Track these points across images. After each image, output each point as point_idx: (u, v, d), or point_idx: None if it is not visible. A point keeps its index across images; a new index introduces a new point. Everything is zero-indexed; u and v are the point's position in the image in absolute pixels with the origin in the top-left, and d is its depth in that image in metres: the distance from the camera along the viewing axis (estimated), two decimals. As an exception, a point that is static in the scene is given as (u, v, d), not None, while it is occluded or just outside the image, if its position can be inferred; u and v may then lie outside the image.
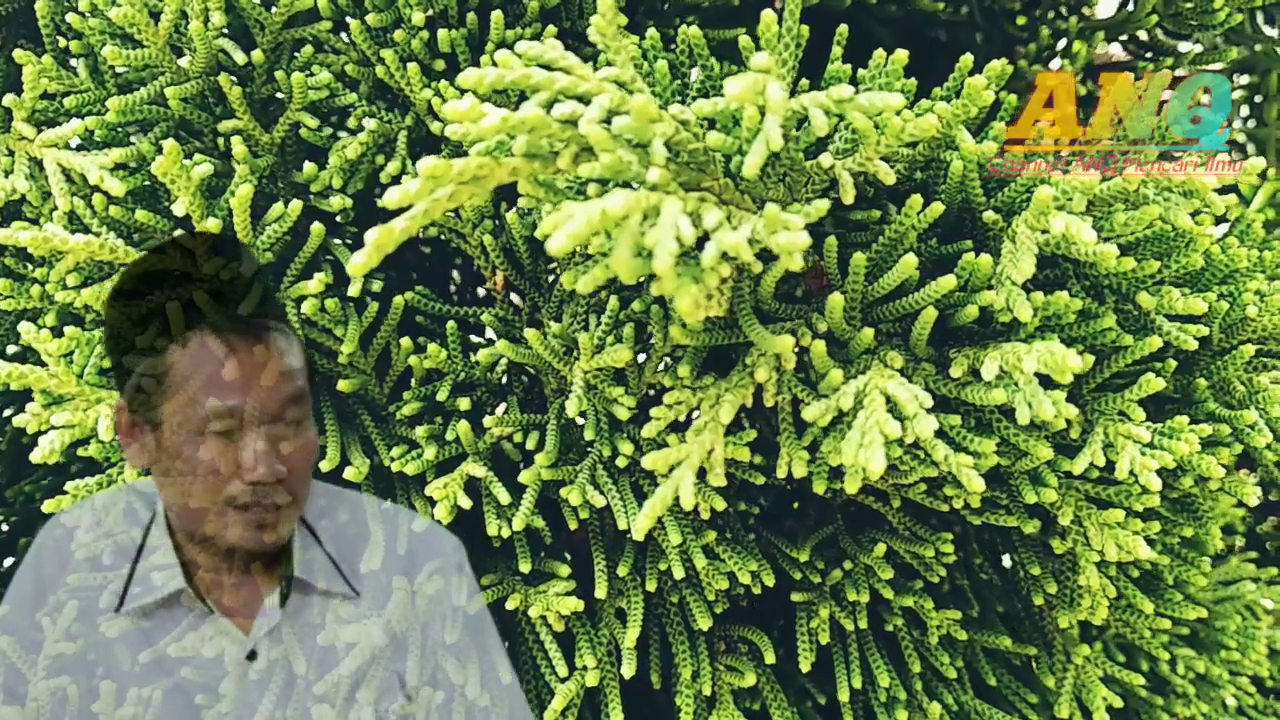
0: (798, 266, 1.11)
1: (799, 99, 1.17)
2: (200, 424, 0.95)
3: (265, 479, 0.96)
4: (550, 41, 1.14)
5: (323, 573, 1.06)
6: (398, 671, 1.07)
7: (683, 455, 1.23)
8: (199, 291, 0.96)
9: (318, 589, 1.06)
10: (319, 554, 1.07)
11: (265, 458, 0.96)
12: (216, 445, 0.96)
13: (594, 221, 1.03)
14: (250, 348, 0.97)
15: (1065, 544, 1.47)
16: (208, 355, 0.96)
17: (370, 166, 1.49)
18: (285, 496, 0.99)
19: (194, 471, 0.96)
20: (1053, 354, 1.16)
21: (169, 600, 1.03)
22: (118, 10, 1.33)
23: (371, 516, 1.12)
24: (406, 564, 1.10)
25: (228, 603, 1.04)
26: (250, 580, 1.05)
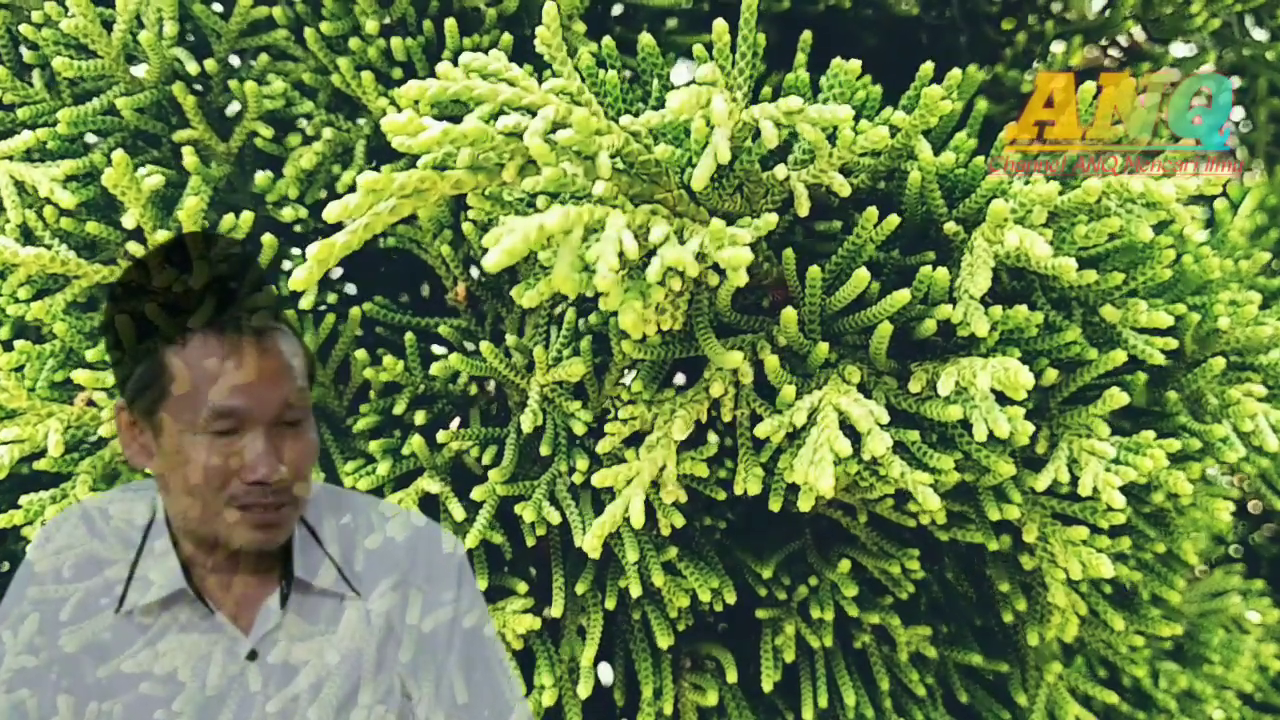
0: (742, 281, 1.09)
1: (750, 110, 1.15)
2: (200, 424, 0.94)
3: (265, 479, 0.95)
4: (494, 53, 1.12)
5: (323, 573, 1.06)
6: (398, 671, 1.07)
7: (633, 473, 1.21)
8: (199, 292, 0.95)
9: (318, 589, 1.05)
10: (319, 554, 1.07)
11: (265, 458, 0.95)
12: (216, 445, 0.95)
13: (531, 238, 1.01)
14: (251, 347, 0.96)
15: (1034, 560, 1.45)
16: (208, 355, 0.95)
17: (327, 176, 1.48)
18: (285, 496, 0.98)
19: (194, 472, 0.95)
20: (1007, 370, 1.13)
21: (169, 600, 1.02)
22: (70, 21, 1.32)
23: (372, 517, 1.12)
24: (408, 564, 1.09)
25: (228, 603, 1.03)
26: (250, 580, 1.04)
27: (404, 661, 1.07)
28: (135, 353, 0.96)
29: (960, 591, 1.68)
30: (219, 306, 0.96)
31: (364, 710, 1.05)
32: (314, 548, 1.06)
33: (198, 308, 0.95)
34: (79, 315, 1.36)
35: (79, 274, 1.34)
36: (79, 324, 1.35)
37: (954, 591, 1.68)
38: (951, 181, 1.32)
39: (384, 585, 1.07)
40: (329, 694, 1.03)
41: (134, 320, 0.96)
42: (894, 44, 2.12)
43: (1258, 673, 2.06)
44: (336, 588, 1.05)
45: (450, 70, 1.12)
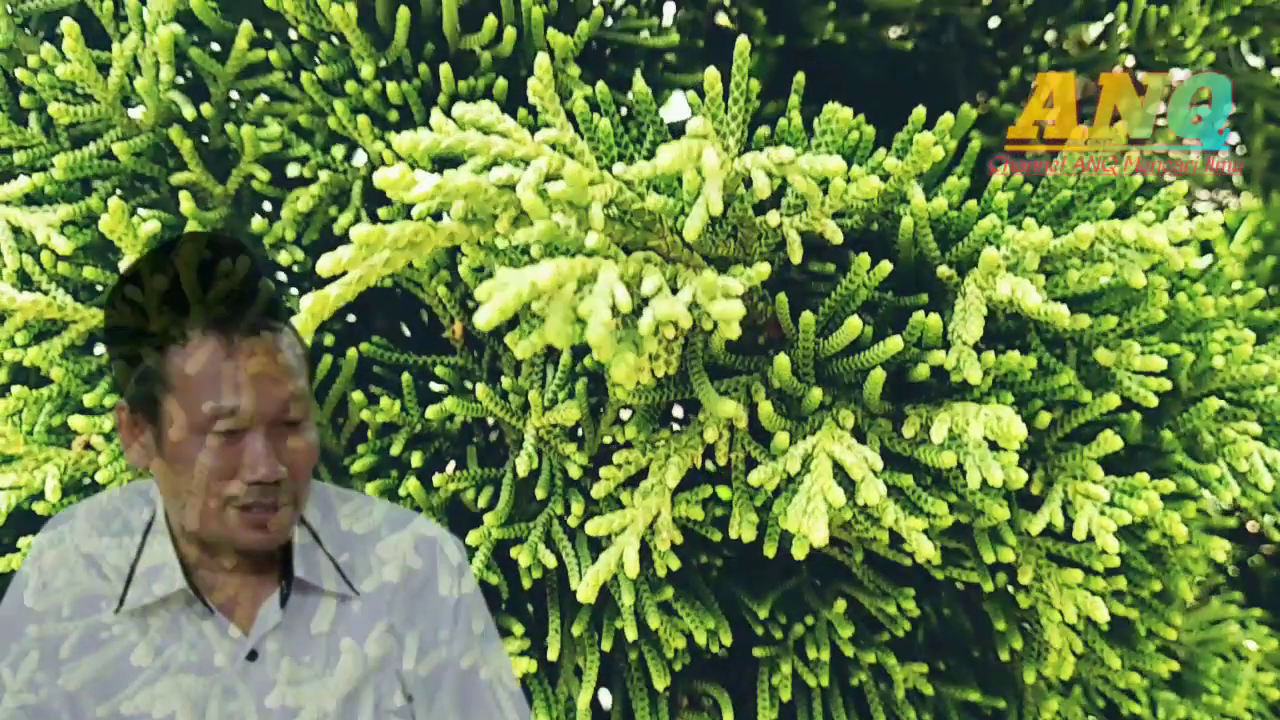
0: (735, 335, 1.09)
1: (742, 160, 1.15)
2: (200, 424, 0.94)
3: (266, 479, 0.95)
4: (486, 105, 1.12)
5: (323, 573, 1.05)
6: (398, 671, 1.07)
7: (627, 521, 1.21)
8: (199, 292, 0.95)
9: (318, 589, 1.05)
10: (320, 554, 1.06)
11: (266, 458, 0.95)
12: (217, 445, 0.95)
13: (523, 294, 1.01)
14: (251, 347, 0.96)
15: (1029, 598, 1.45)
16: (208, 354, 0.94)
17: (325, 217, 1.48)
18: (286, 496, 0.98)
19: (194, 471, 0.95)
20: (1000, 420, 1.14)
21: (169, 600, 1.02)
22: (66, 67, 1.33)
23: (373, 517, 1.11)
24: (409, 564, 1.09)
25: (228, 603, 1.03)
26: (250, 580, 1.04)
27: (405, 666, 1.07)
28: (135, 352, 0.96)
29: (957, 626, 1.68)
30: (219, 306, 0.96)
31: (365, 710, 1.05)
32: (314, 548, 1.06)
33: (198, 307, 0.95)
34: (76, 359, 1.36)
35: (76, 319, 1.34)
36: (76, 368, 1.36)
37: (951, 626, 1.68)
38: (944, 224, 1.33)
39: (384, 586, 1.07)
40: (329, 694, 1.03)
41: (134, 319, 0.96)
42: (889, 74, 2.12)
43: (1256, 700, 2.06)
44: (337, 588, 1.05)
45: (444, 122, 1.12)
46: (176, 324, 0.95)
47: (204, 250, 0.99)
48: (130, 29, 1.44)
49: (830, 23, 1.74)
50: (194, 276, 0.96)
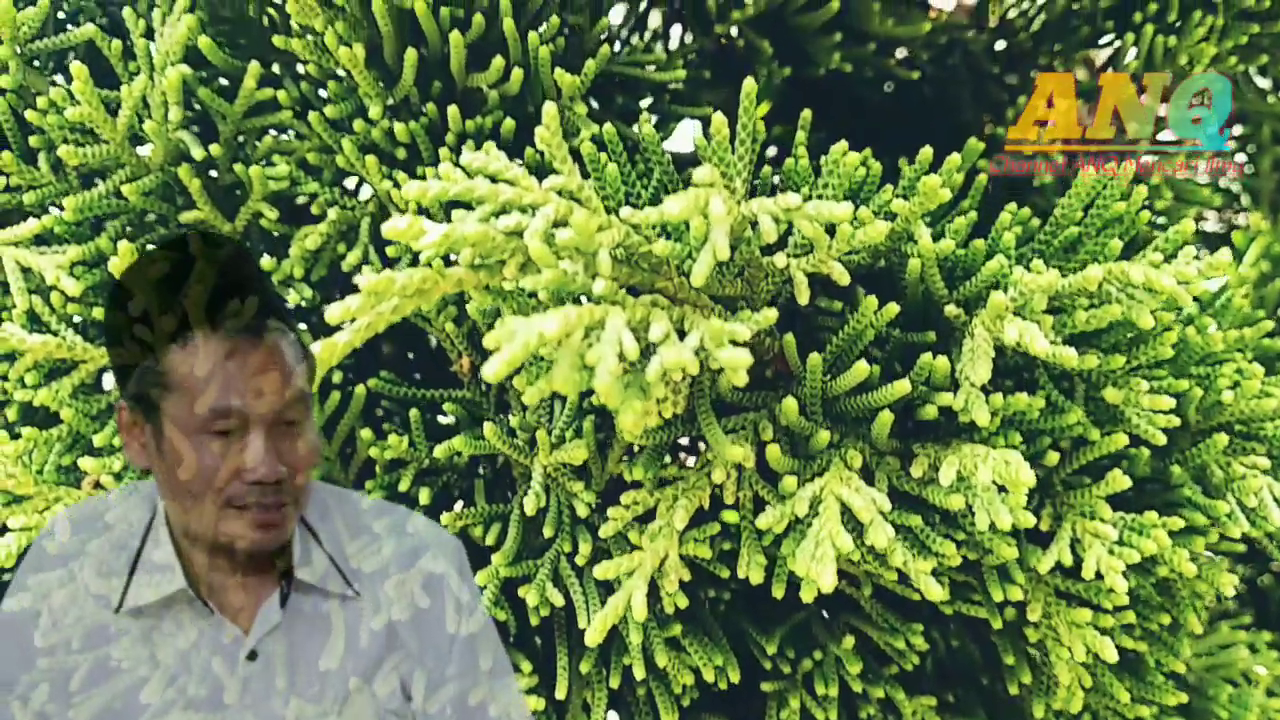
0: (742, 382, 1.10)
1: (749, 205, 1.15)
2: (201, 424, 0.95)
3: (266, 479, 0.96)
4: (494, 152, 1.13)
5: (323, 573, 1.06)
6: (398, 671, 1.07)
7: (634, 564, 1.21)
8: (199, 291, 0.96)
9: (318, 589, 1.05)
10: (319, 554, 1.07)
11: (266, 458, 0.95)
12: (217, 445, 0.95)
13: (531, 345, 1.01)
14: (251, 348, 0.96)
15: (1038, 633, 1.45)
16: (208, 355, 0.95)
17: (333, 254, 1.48)
18: (286, 497, 0.98)
19: (194, 471, 0.95)
20: (1008, 465, 1.14)
21: (169, 600, 1.02)
22: (74, 109, 1.33)
23: (373, 517, 1.12)
24: (408, 565, 1.09)
25: (227, 603, 1.04)
26: (250, 580, 1.04)
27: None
28: (136, 352, 0.96)
29: (966, 656, 1.68)
30: (219, 306, 0.96)
31: (365, 710, 1.05)
32: (314, 548, 1.06)
33: (198, 307, 0.95)
34: (86, 399, 1.37)
35: (85, 358, 1.35)
36: (86, 408, 1.36)
37: (960, 656, 1.68)
38: (951, 263, 1.33)
39: (383, 584, 1.08)
40: (329, 694, 1.04)
41: (135, 319, 0.96)
42: (895, 98, 2.12)
43: (1267, 726, 2.05)
44: (336, 588, 1.06)
45: (452, 170, 1.13)
46: (177, 324, 0.95)
47: (205, 251, 0.98)
48: (139, 68, 1.44)
49: (837, 53, 1.74)
50: (195, 277, 0.96)
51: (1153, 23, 1.71)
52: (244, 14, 1.56)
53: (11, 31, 1.39)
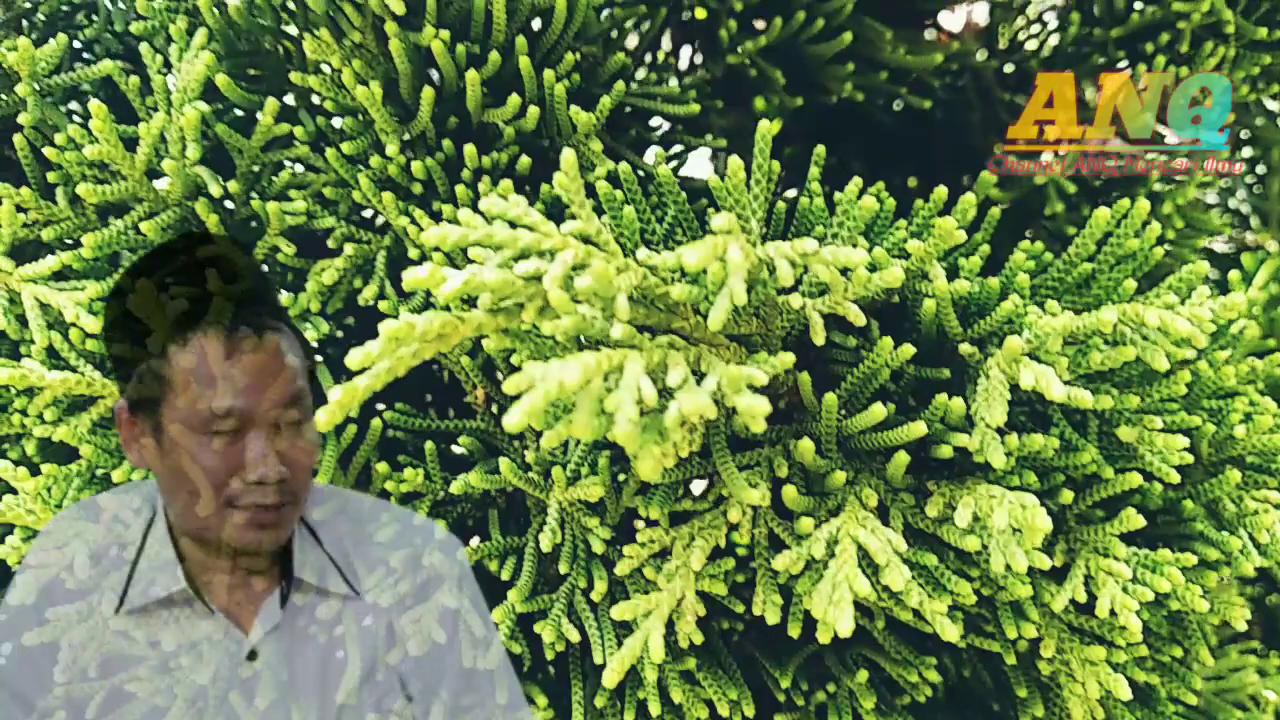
0: (760, 429, 1.10)
1: (766, 249, 1.16)
2: (201, 424, 0.95)
3: (266, 479, 0.96)
4: (515, 198, 1.13)
5: (323, 573, 1.06)
6: (398, 671, 1.07)
7: (652, 605, 1.22)
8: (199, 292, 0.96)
9: (318, 589, 1.05)
10: (319, 554, 1.07)
11: (266, 458, 0.96)
12: (217, 445, 0.95)
13: (551, 394, 1.02)
14: (251, 348, 0.96)
15: (1051, 667, 1.45)
16: (209, 355, 0.95)
17: (349, 288, 1.49)
18: (286, 497, 0.98)
19: (194, 471, 0.96)
20: (1024, 509, 1.14)
21: (169, 600, 1.02)
22: (93, 147, 1.34)
23: (372, 517, 1.12)
24: (408, 565, 1.10)
25: (228, 603, 1.04)
26: (250, 580, 1.04)
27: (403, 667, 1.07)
28: (136, 353, 0.97)
29: (979, 684, 1.69)
30: (219, 307, 0.96)
31: (365, 710, 1.05)
32: (314, 548, 1.06)
33: (199, 308, 0.96)
34: (104, 434, 1.37)
35: (104, 394, 1.36)
36: (104, 443, 1.37)
37: (972, 684, 1.68)
38: (965, 300, 1.33)
39: (384, 585, 1.08)
40: (329, 694, 1.04)
41: (135, 320, 0.96)
42: (905, 122, 2.13)
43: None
44: (336, 588, 1.06)
45: (471, 217, 1.13)
46: (177, 324, 0.95)
47: (204, 251, 0.99)
48: (156, 104, 1.45)
49: (849, 82, 1.75)
50: (195, 276, 0.97)
51: (1164, 53, 1.72)
52: (260, 47, 1.57)
53: (30, 68, 1.40)
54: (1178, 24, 1.69)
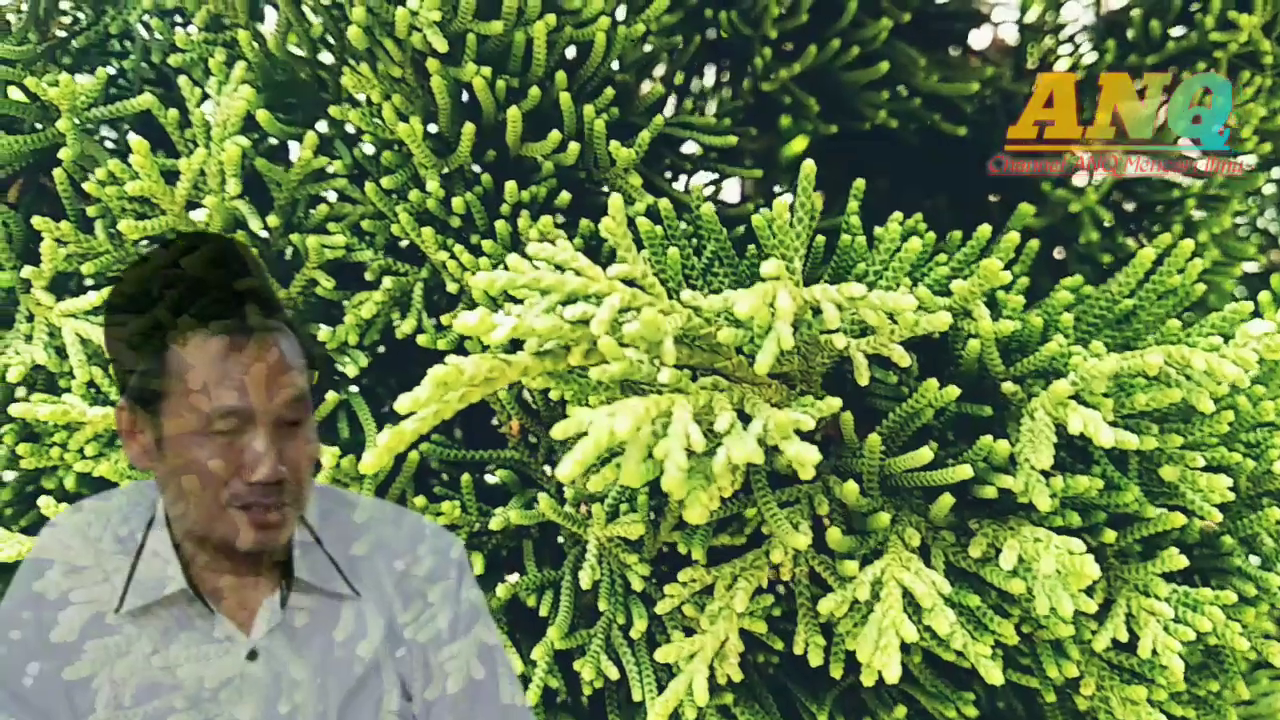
0: (809, 475, 1.10)
1: (812, 291, 1.16)
2: (201, 424, 0.93)
3: (267, 479, 0.94)
4: (561, 243, 1.13)
5: (323, 573, 1.05)
6: (398, 672, 1.07)
7: (695, 648, 1.22)
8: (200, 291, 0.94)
9: (318, 589, 1.05)
10: (320, 554, 1.06)
11: (266, 458, 0.94)
12: (217, 445, 0.94)
13: (602, 444, 1.02)
14: (252, 347, 0.94)
15: (1088, 703, 1.45)
16: (209, 355, 0.93)
17: (385, 320, 1.49)
18: (286, 497, 0.97)
19: (195, 471, 0.94)
20: (1071, 555, 1.14)
21: (169, 600, 1.01)
22: (135, 184, 1.34)
23: (373, 517, 1.11)
24: (409, 565, 1.09)
25: (228, 603, 1.03)
26: (250, 581, 1.03)
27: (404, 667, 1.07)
28: (136, 352, 0.96)
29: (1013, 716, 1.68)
30: (219, 306, 0.95)
31: (365, 711, 1.05)
32: (314, 548, 1.06)
33: (199, 306, 0.94)
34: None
35: (144, 429, 1.36)
36: (145, 478, 1.37)
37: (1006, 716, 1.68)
38: (1007, 339, 1.33)
39: (385, 587, 1.08)
40: (329, 694, 1.03)
41: (135, 320, 0.95)
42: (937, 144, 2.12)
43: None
44: (337, 588, 1.05)
45: (519, 262, 1.13)
46: (177, 323, 0.94)
47: (205, 250, 0.98)
48: (195, 137, 1.45)
49: (883, 110, 1.74)
50: (196, 276, 0.95)
51: (1200, 81, 1.71)
52: (295, 77, 1.57)
53: (70, 103, 1.40)
54: (1214, 53, 1.69)
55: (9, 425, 1.46)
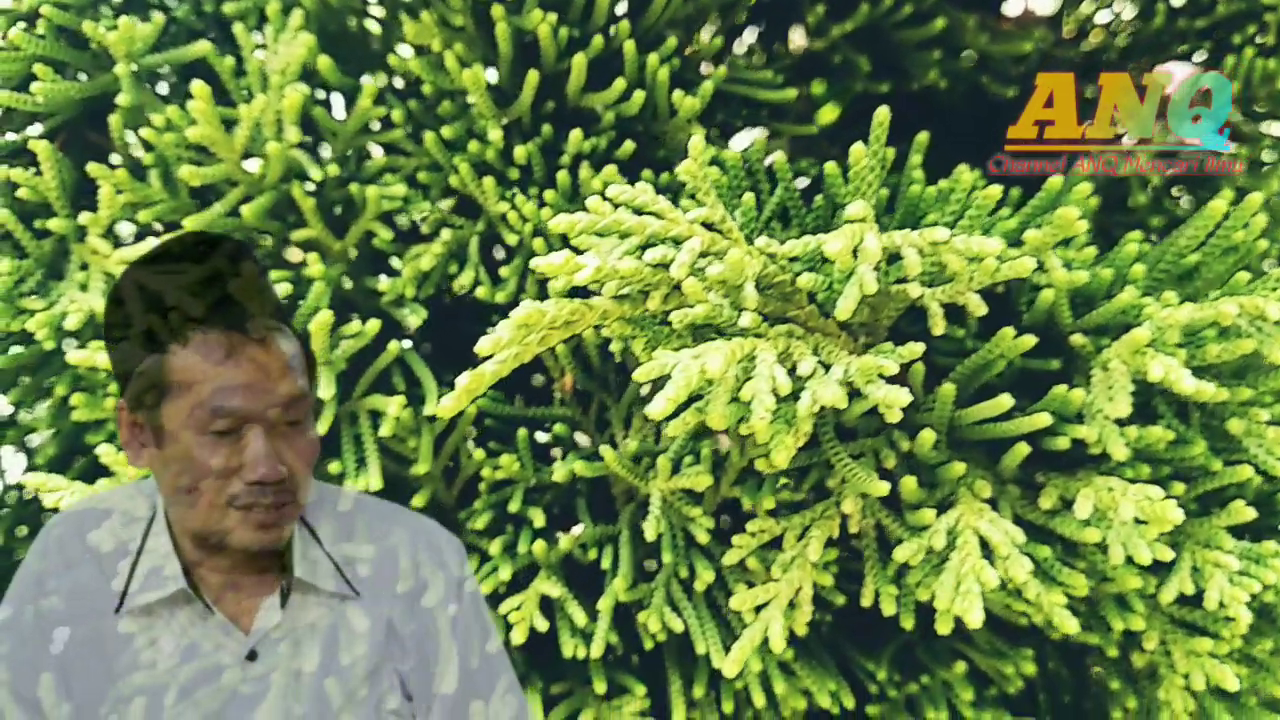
0: (896, 418, 1.09)
1: (891, 237, 1.15)
2: (201, 424, 0.93)
3: (266, 479, 0.94)
4: (641, 185, 1.12)
5: (323, 573, 1.04)
6: (398, 671, 1.06)
7: (771, 595, 1.21)
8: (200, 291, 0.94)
9: (318, 589, 1.04)
10: (319, 554, 1.05)
11: (266, 458, 0.94)
12: (217, 445, 0.94)
13: (693, 382, 1.01)
14: (251, 348, 0.94)
15: (1145, 658, 1.45)
16: (209, 355, 0.93)
17: (442, 272, 1.48)
18: (286, 496, 0.97)
19: (195, 471, 0.94)
20: (1151, 500, 1.14)
21: (169, 600, 1.01)
22: (195, 129, 1.32)
23: (373, 516, 1.11)
24: (408, 564, 1.09)
25: (228, 602, 1.02)
26: (250, 580, 1.03)
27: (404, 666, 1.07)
28: (136, 353, 0.95)
29: (1058, 677, 1.69)
30: (219, 307, 0.94)
31: (365, 710, 1.05)
32: (314, 548, 1.06)
33: (199, 307, 0.94)
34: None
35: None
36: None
37: (1053, 678, 1.68)
38: (1076, 291, 1.33)
39: (384, 586, 1.07)
40: (329, 694, 1.03)
41: (135, 320, 0.95)
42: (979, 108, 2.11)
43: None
44: (336, 588, 1.05)
45: (600, 204, 1.12)
46: (177, 324, 0.94)
47: (205, 250, 0.97)
48: (249, 84, 1.43)
49: (934, 70, 1.73)
50: (195, 276, 0.95)
51: (1250, 45, 1.71)
52: (346, 29, 1.55)
53: (128, 48, 1.38)
54: (1265, 16, 1.68)
55: (62, 375, 1.44)
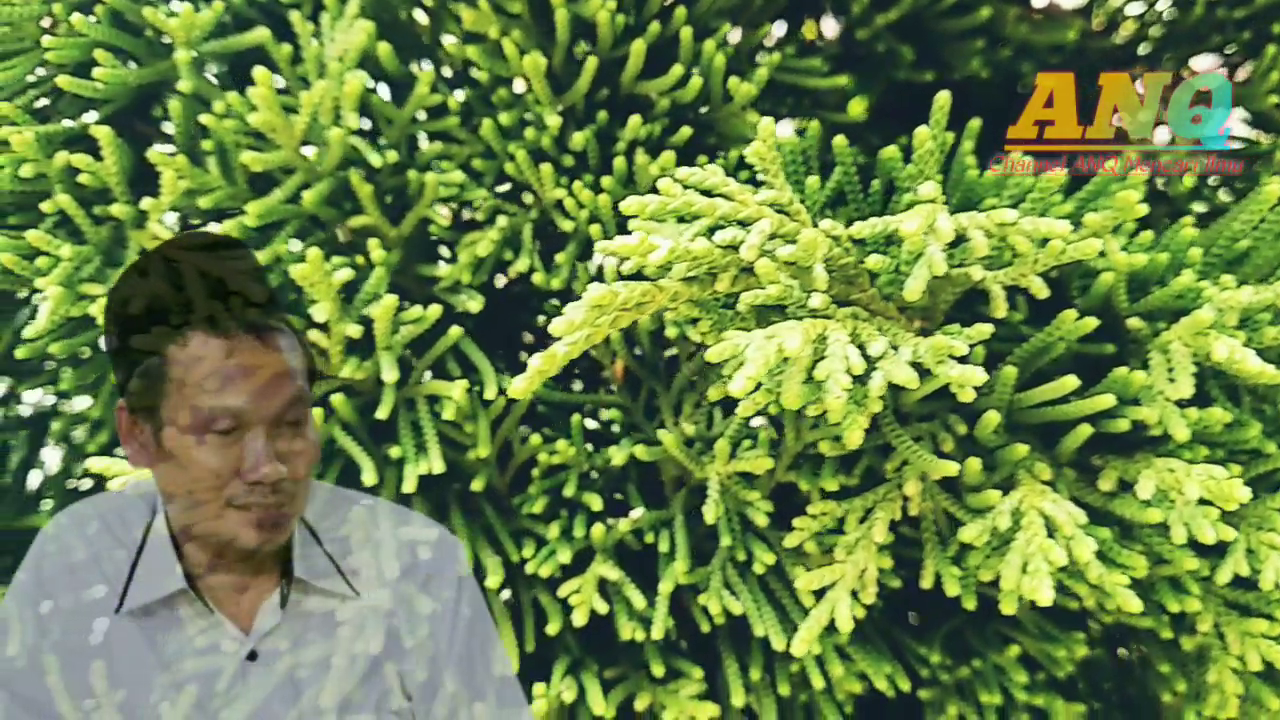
0: (969, 398, 1.10)
1: (958, 219, 1.15)
2: (201, 424, 0.93)
3: (266, 479, 0.94)
4: (710, 167, 1.13)
5: (323, 573, 1.05)
6: (398, 671, 1.06)
7: (837, 576, 1.22)
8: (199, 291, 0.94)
9: (318, 589, 1.04)
10: (319, 554, 1.05)
11: (266, 458, 0.94)
12: (217, 445, 0.94)
13: (770, 361, 1.02)
14: (251, 347, 0.94)
15: (1195, 640, 1.46)
16: (208, 355, 0.93)
17: (497, 259, 1.49)
18: (286, 496, 0.97)
19: (194, 471, 0.94)
20: (1216, 480, 1.15)
21: (169, 600, 1.01)
22: (257, 115, 1.33)
23: (372, 517, 1.11)
24: (408, 565, 1.09)
25: (227, 603, 1.02)
26: (250, 580, 1.03)
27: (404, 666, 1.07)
28: (136, 353, 0.95)
29: (1102, 663, 1.69)
30: (219, 305, 0.95)
31: (365, 710, 1.05)
32: (314, 548, 1.06)
33: (198, 308, 0.94)
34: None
35: (263, 364, 1.35)
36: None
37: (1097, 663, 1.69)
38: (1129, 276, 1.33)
39: (384, 585, 1.07)
40: (329, 694, 1.03)
41: (135, 320, 0.95)
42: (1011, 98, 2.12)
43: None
44: (336, 588, 1.05)
45: (670, 185, 1.13)
46: (177, 324, 0.94)
47: (205, 250, 0.98)
48: (305, 71, 1.44)
49: (977, 59, 1.74)
50: (195, 276, 0.95)
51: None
52: (397, 17, 1.56)
53: (188, 34, 1.39)
54: (1306, 4, 1.69)
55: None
